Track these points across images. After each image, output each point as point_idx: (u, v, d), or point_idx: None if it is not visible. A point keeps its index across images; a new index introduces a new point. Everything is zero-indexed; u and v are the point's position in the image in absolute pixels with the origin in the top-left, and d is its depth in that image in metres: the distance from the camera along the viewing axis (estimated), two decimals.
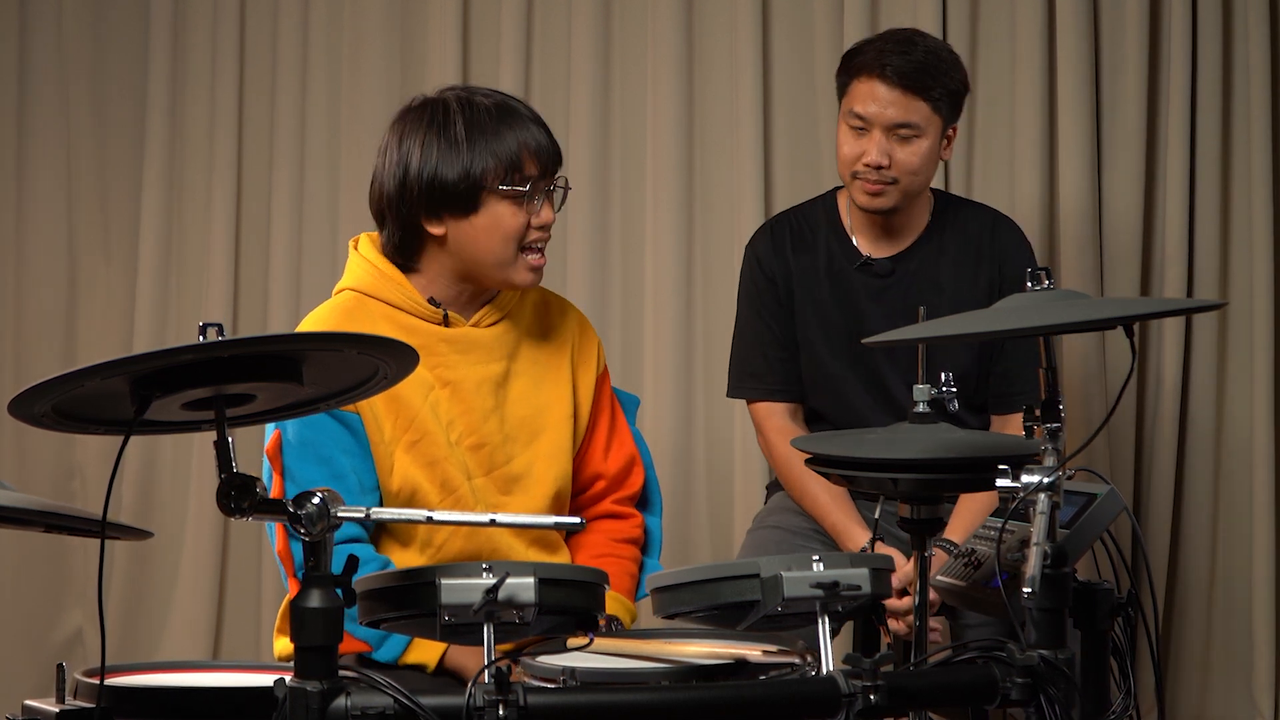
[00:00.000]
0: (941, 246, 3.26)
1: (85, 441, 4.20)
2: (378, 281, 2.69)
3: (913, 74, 3.11)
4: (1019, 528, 2.26)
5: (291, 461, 2.60)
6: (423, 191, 2.62)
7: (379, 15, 4.14)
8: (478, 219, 2.63)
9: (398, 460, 2.64)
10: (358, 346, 2.00)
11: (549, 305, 2.84)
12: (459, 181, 2.61)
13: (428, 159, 2.62)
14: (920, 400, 2.42)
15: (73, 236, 4.24)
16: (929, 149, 3.15)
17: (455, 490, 2.67)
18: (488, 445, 2.70)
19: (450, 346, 2.69)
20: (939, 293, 3.21)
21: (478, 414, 2.69)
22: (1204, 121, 3.95)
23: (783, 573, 2.15)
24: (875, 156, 3.13)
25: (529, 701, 1.95)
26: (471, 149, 2.61)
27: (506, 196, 2.63)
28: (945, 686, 2.15)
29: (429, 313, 2.69)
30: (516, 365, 2.74)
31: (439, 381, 2.67)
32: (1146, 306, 2.74)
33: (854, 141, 3.16)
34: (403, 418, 2.64)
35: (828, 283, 3.27)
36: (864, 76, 3.14)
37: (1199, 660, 4.01)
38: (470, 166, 2.61)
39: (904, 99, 3.11)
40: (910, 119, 3.12)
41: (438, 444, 2.66)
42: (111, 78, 4.23)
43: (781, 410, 3.29)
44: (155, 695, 2.05)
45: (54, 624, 4.24)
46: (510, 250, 2.65)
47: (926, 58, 3.14)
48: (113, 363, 1.84)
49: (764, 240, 3.32)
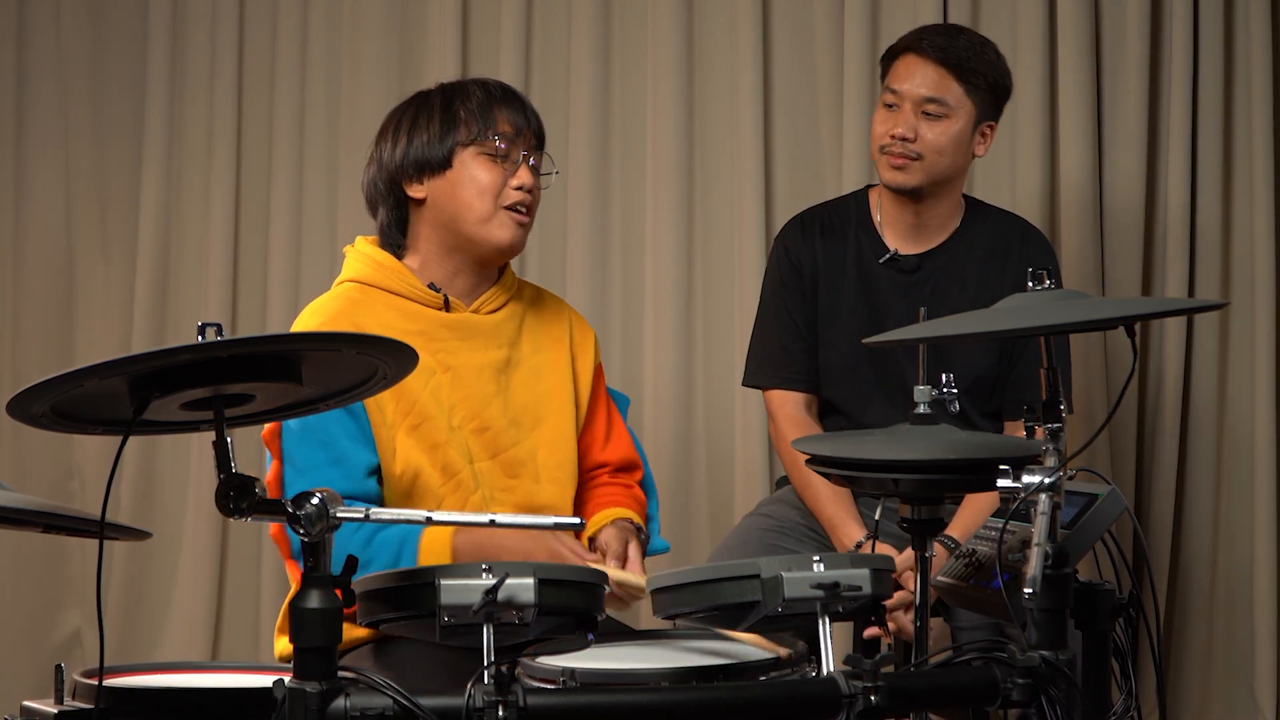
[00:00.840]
0: (970, 247, 3.28)
1: (84, 442, 4.19)
2: (377, 271, 2.75)
3: (951, 51, 3.18)
4: (1020, 528, 2.25)
5: (292, 446, 2.62)
6: (404, 156, 2.74)
7: (378, 15, 4.14)
8: (452, 173, 2.74)
9: (400, 444, 2.66)
10: (357, 346, 2.00)
11: (545, 299, 2.90)
12: (433, 139, 2.73)
13: (405, 129, 2.76)
14: (921, 402, 2.42)
15: (71, 236, 4.24)
16: (958, 133, 3.19)
17: (457, 473, 2.69)
18: (491, 429, 2.73)
19: (451, 332, 2.73)
20: (963, 291, 3.23)
21: (479, 399, 2.73)
22: (1205, 120, 3.94)
23: (783, 573, 2.15)
24: (901, 129, 3.17)
25: (529, 702, 1.95)
26: (445, 110, 2.74)
27: (481, 152, 2.73)
28: (946, 687, 2.15)
29: (430, 298, 2.74)
30: (518, 353, 2.79)
31: (440, 366, 2.71)
32: (1148, 306, 2.74)
33: (885, 118, 3.21)
34: (404, 401, 2.66)
35: (853, 275, 3.29)
36: (904, 54, 3.22)
37: (1201, 661, 4.00)
38: (445, 127, 2.73)
39: (937, 75, 3.17)
40: (941, 95, 3.17)
41: (439, 428, 2.68)
42: (110, 78, 4.22)
43: (795, 400, 3.30)
44: (154, 696, 2.05)
45: (52, 625, 4.23)
46: (488, 205, 2.73)
47: (970, 45, 3.22)
48: (111, 363, 1.84)
49: (794, 230, 3.36)
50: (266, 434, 2.63)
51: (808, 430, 3.27)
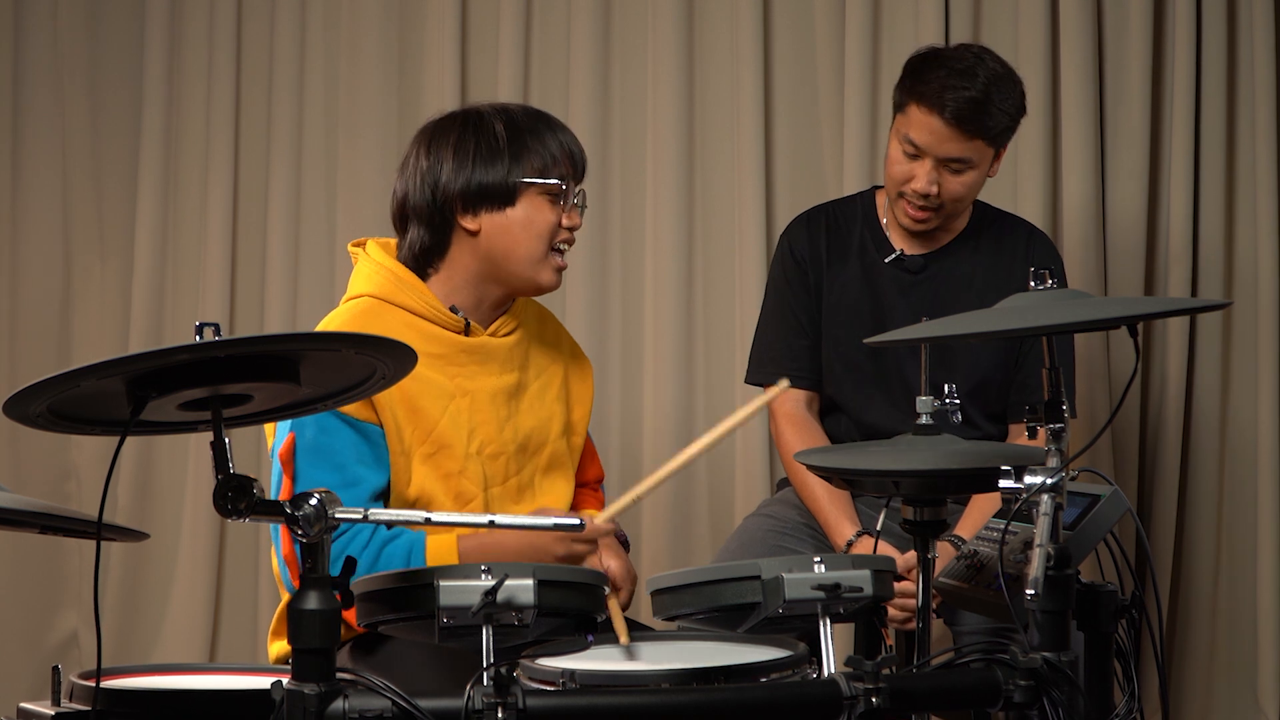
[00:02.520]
0: (976, 249, 3.28)
1: (80, 442, 4.19)
2: (396, 288, 2.69)
3: (971, 114, 3.10)
4: (1022, 529, 2.25)
5: (304, 466, 2.59)
6: (461, 190, 2.67)
7: (377, 13, 4.12)
8: (514, 212, 2.68)
9: (415, 471, 2.64)
10: (355, 346, 1.99)
11: (545, 321, 2.88)
12: (500, 175, 2.67)
13: (463, 158, 2.68)
14: (924, 412, 2.41)
15: (68, 236, 4.22)
16: (977, 178, 3.18)
17: (470, 502, 2.69)
18: (504, 455, 2.73)
19: (470, 356, 2.70)
20: (968, 291, 3.22)
21: (494, 424, 2.71)
22: (1208, 120, 3.93)
23: (784, 575, 2.15)
24: (924, 185, 3.15)
25: (528, 704, 1.94)
26: (512, 145, 2.68)
27: (545, 191, 2.68)
28: (948, 689, 2.14)
29: (451, 321, 2.70)
30: (526, 376, 2.78)
31: (459, 391, 2.68)
32: (1151, 306, 2.73)
33: (905, 164, 3.17)
34: (420, 429, 2.64)
35: (858, 274, 3.29)
36: (923, 106, 3.12)
37: (1204, 662, 4.00)
38: (511, 161, 2.67)
39: (959, 137, 3.12)
40: (964, 155, 3.13)
41: (455, 456, 2.67)
42: (108, 77, 4.21)
43: (797, 398, 3.30)
44: (151, 698, 2.04)
45: (49, 626, 4.22)
46: (543, 247, 2.69)
47: (987, 90, 3.10)
48: (108, 363, 1.84)
49: (799, 228, 3.35)
50: (284, 452, 2.60)
51: (807, 429, 3.27)
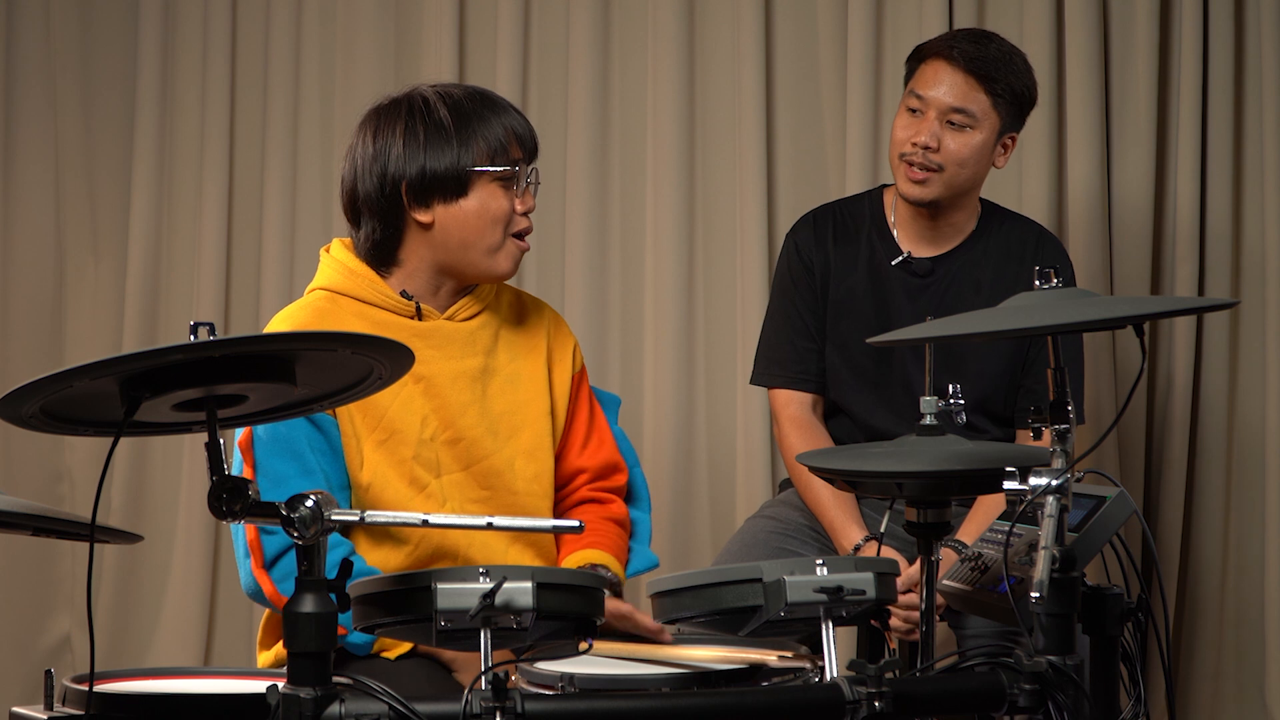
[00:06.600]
0: (985, 251, 3.27)
1: (73, 444, 4.18)
2: (348, 280, 2.69)
3: (980, 60, 3.15)
4: (1027, 531, 2.24)
5: (263, 455, 2.58)
6: (410, 180, 2.63)
7: (372, 10, 4.11)
8: (467, 202, 2.65)
9: (367, 456, 2.63)
10: (352, 346, 1.98)
11: (524, 303, 2.84)
12: (449, 165, 2.63)
13: (412, 148, 2.64)
14: (928, 412, 2.39)
15: (61, 234, 4.21)
16: (980, 144, 3.16)
17: (424, 487, 2.66)
18: (465, 440, 2.69)
19: (423, 341, 2.67)
20: (976, 295, 3.21)
21: (454, 408, 2.68)
22: (1215, 117, 3.92)
23: (786, 577, 2.13)
24: (925, 138, 3.15)
25: (526, 709, 1.92)
26: (460, 133, 2.64)
27: (496, 179, 2.65)
28: (952, 693, 2.12)
29: (400, 306, 2.68)
30: (494, 361, 2.74)
31: (411, 377, 2.63)
32: (1157, 305, 2.72)
33: (908, 124, 3.18)
34: (371, 415, 2.63)
35: (865, 277, 3.28)
36: (931, 59, 3.18)
37: (1211, 666, 3.98)
38: (460, 150, 2.63)
39: (965, 84, 3.14)
40: (967, 106, 3.14)
41: (407, 442, 2.64)
42: (101, 74, 4.20)
43: (800, 400, 3.29)
44: (145, 702, 2.03)
45: (42, 629, 4.21)
46: (499, 235, 2.66)
47: (999, 53, 3.18)
48: (102, 363, 1.83)
49: (806, 229, 3.34)
50: (243, 441, 2.59)
51: (810, 431, 3.25)
